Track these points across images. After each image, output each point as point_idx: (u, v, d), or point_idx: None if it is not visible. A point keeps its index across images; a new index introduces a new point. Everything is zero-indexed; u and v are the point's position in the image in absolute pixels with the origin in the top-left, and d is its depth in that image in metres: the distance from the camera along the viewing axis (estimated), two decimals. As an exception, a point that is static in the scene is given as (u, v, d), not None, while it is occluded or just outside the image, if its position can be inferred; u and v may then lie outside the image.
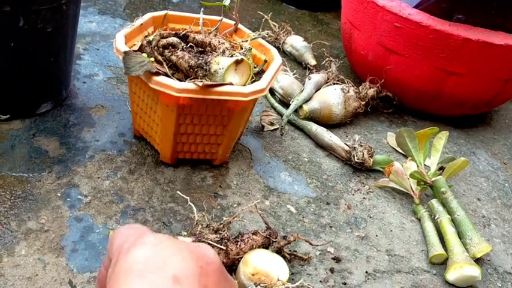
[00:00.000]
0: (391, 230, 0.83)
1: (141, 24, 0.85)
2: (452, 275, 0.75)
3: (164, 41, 0.79)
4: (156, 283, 0.27)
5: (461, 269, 0.75)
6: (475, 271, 0.74)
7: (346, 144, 0.95)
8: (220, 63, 0.75)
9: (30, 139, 0.84)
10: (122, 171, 0.82)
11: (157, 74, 0.72)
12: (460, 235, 0.81)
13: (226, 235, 0.69)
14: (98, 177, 0.80)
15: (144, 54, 0.77)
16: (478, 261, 0.79)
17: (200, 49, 0.82)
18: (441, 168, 0.92)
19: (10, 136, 0.83)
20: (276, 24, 1.32)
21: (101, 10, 1.31)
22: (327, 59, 1.21)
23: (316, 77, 1.08)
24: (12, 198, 0.73)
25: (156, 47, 0.79)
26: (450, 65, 1.01)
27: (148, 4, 1.41)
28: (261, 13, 1.32)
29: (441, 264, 0.79)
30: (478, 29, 0.97)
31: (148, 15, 0.88)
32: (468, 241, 0.80)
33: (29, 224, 0.69)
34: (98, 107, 0.95)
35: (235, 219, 0.73)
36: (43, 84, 0.87)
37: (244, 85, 0.78)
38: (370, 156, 0.93)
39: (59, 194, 0.75)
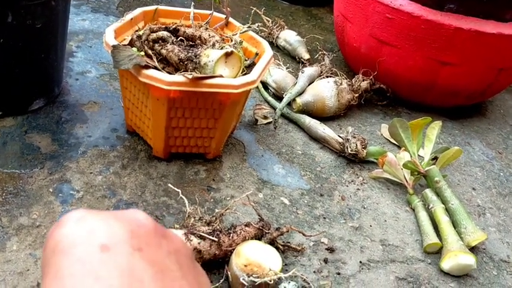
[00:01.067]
0: (385, 220, 0.83)
1: (132, 18, 0.85)
2: (447, 264, 0.75)
3: (154, 35, 0.79)
4: (82, 256, 0.25)
5: (456, 257, 0.74)
6: (470, 259, 0.74)
7: (340, 136, 0.95)
8: (210, 55, 0.75)
9: (23, 136, 0.84)
10: (115, 166, 0.82)
11: (146, 67, 0.72)
12: (455, 224, 0.80)
13: (218, 227, 0.68)
14: (91, 173, 0.79)
15: (134, 49, 0.77)
16: (473, 250, 0.79)
17: (190, 43, 0.82)
18: (435, 158, 0.92)
19: (2, 133, 0.83)
20: (269, 19, 1.32)
21: (93, 8, 1.31)
22: (320, 52, 1.21)
23: (310, 71, 1.08)
24: (4, 194, 0.73)
25: (146, 41, 0.79)
26: (443, 55, 1.01)
27: (141, 2, 1.41)
28: (254, 8, 1.32)
29: (436, 253, 0.79)
30: (470, 18, 0.97)
31: (138, 10, 0.88)
32: (463, 230, 0.79)
33: (20, 219, 0.69)
34: (90, 104, 0.95)
35: (228, 211, 0.73)
36: (35, 81, 0.86)
37: (235, 78, 0.77)
38: (363, 148, 0.92)
39: (51, 190, 0.75)
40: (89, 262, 0.25)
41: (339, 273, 0.72)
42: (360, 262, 0.74)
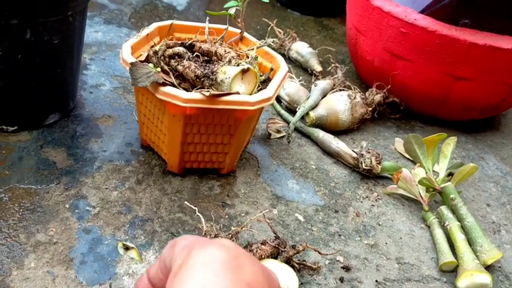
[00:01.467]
0: (401, 238, 0.83)
1: (147, 34, 0.85)
2: (463, 283, 0.74)
3: (170, 51, 0.80)
4: (231, 284, 0.26)
5: (472, 276, 0.74)
6: (486, 278, 0.74)
7: (354, 151, 0.95)
8: (226, 72, 0.75)
9: (38, 150, 0.84)
10: (130, 181, 0.82)
11: (164, 84, 0.72)
12: (470, 242, 0.80)
13: (234, 245, 0.68)
14: (106, 188, 0.80)
15: (151, 65, 0.77)
16: (488, 268, 0.78)
17: (206, 58, 0.82)
18: (450, 174, 0.92)
19: (18, 148, 0.84)
20: (281, 30, 1.32)
21: (106, 20, 1.32)
22: (332, 65, 1.21)
23: (322, 84, 1.08)
24: (21, 210, 0.73)
25: (162, 57, 0.79)
26: (457, 69, 1.01)
27: (153, 13, 1.42)
28: (266, 20, 1.32)
29: (451, 271, 0.78)
30: (485, 34, 0.96)
31: (154, 25, 0.88)
32: (478, 248, 0.79)
33: (37, 236, 0.70)
34: (104, 117, 0.95)
35: (243, 229, 0.72)
36: (50, 95, 0.87)
37: (250, 94, 0.77)
38: (378, 163, 0.92)
39: (67, 206, 0.75)
40: None
41: (355, 293, 0.71)
42: (376, 281, 0.74)
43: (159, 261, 0.32)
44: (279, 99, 1.11)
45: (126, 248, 0.70)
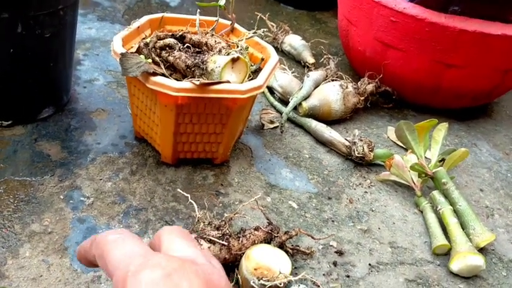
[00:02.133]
0: (394, 223, 0.83)
1: (138, 27, 0.86)
2: (456, 265, 0.75)
3: (161, 42, 0.80)
4: None
5: (464, 258, 0.74)
6: (479, 260, 0.74)
7: (346, 139, 0.96)
8: (216, 61, 0.75)
9: (32, 144, 0.85)
10: (124, 172, 0.83)
11: (154, 74, 0.73)
12: (463, 225, 0.81)
13: (228, 231, 0.69)
14: (100, 179, 0.80)
15: (142, 56, 0.78)
16: (481, 251, 0.79)
17: (197, 49, 0.83)
18: (442, 160, 0.92)
19: (12, 142, 0.84)
20: (273, 24, 1.33)
21: (100, 16, 1.32)
22: (325, 56, 1.22)
23: (315, 75, 1.08)
24: (16, 201, 0.74)
25: (153, 49, 0.80)
26: (448, 57, 1.01)
27: (146, 10, 1.43)
28: (259, 14, 1.33)
29: (445, 254, 0.79)
30: (474, 20, 0.97)
31: (145, 18, 0.89)
32: (471, 231, 0.79)
33: (32, 226, 0.70)
34: (98, 111, 0.96)
35: (237, 215, 0.73)
36: (44, 89, 0.88)
37: (241, 83, 0.78)
38: (370, 151, 0.93)
39: (61, 197, 0.76)
40: None
41: (348, 276, 0.72)
42: (369, 265, 0.74)
43: (87, 250, 0.34)
44: (272, 90, 1.12)
45: (121, 237, 0.70)
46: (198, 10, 0.90)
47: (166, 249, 0.33)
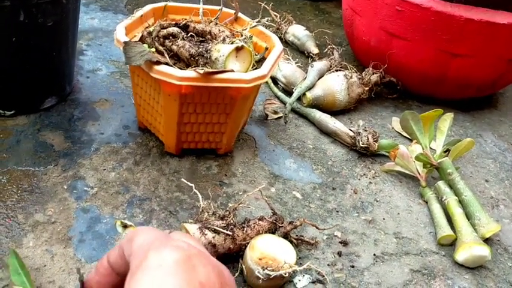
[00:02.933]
0: (399, 213, 0.83)
1: (142, 15, 0.85)
2: (461, 256, 0.75)
3: (165, 31, 0.80)
4: (185, 283, 0.28)
5: (470, 249, 0.74)
6: (484, 251, 0.74)
7: (351, 130, 0.95)
8: (220, 50, 0.75)
9: (36, 134, 0.84)
10: (128, 162, 0.82)
11: (158, 63, 0.72)
12: (468, 216, 0.80)
13: (232, 221, 0.69)
14: (104, 169, 0.80)
15: (145, 45, 0.77)
16: (487, 241, 0.79)
17: (201, 38, 0.82)
18: (447, 151, 0.92)
19: (15, 132, 0.84)
20: (277, 14, 1.32)
21: (102, 7, 1.32)
22: (329, 46, 1.21)
23: (319, 65, 1.08)
24: (19, 191, 0.73)
25: (156, 38, 0.79)
26: (453, 46, 1.00)
27: (149, -1, 1.41)
28: (262, 3, 1.32)
29: (450, 245, 0.78)
30: (480, 9, 0.96)
31: (148, 7, 0.88)
32: (476, 221, 0.79)
33: (36, 216, 0.70)
34: (101, 101, 0.95)
35: (241, 205, 0.73)
36: (46, 79, 0.87)
37: (245, 72, 0.77)
38: (375, 141, 0.92)
39: (65, 187, 0.76)
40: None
41: (353, 266, 0.72)
42: (374, 255, 0.74)
43: (119, 248, 0.34)
44: (275, 81, 1.11)
45: (125, 226, 0.70)
46: (202, -1, 0.89)
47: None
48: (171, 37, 0.80)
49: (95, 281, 0.35)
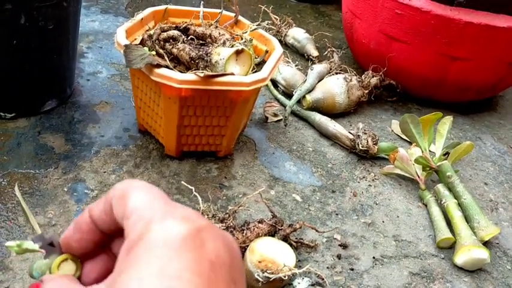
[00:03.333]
0: (398, 216, 0.83)
1: (142, 18, 0.86)
2: (460, 259, 0.75)
3: (165, 34, 0.80)
4: (193, 263, 0.24)
5: (469, 252, 0.74)
6: (483, 254, 0.74)
7: (350, 133, 0.95)
8: (220, 53, 0.75)
9: (36, 136, 0.85)
10: (128, 165, 0.82)
11: (158, 66, 0.73)
12: (468, 219, 0.80)
13: (232, 224, 0.69)
14: (104, 172, 0.80)
15: (146, 48, 0.78)
16: (486, 244, 0.79)
17: (201, 41, 0.83)
18: (446, 154, 0.92)
19: (16, 134, 0.84)
20: (277, 17, 1.33)
21: (103, 9, 1.32)
22: (329, 49, 1.21)
23: (319, 68, 1.08)
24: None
25: (157, 41, 0.79)
26: (453, 50, 1.01)
27: (150, 2, 1.42)
28: (263, 7, 1.32)
29: (449, 248, 0.79)
30: (480, 13, 0.96)
31: (148, 10, 0.88)
32: (476, 224, 0.79)
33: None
34: (102, 104, 0.95)
35: (240, 208, 0.73)
36: (47, 81, 0.87)
37: (245, 75, 0.78)
38: (374, 144, 0.92)
39: (65, 189, 0.76)
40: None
41: (352, 269, 0.72)
42: (373, 258, 0.74)
43: (104, 203, 0.29)
44: (275, 84, 1.11)
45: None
46: (202, 2, 0.90)
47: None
48: (171, 40, 0.80)
49: (74, 239, 0.30)
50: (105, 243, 0.30)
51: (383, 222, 0.81)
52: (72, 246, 0.30)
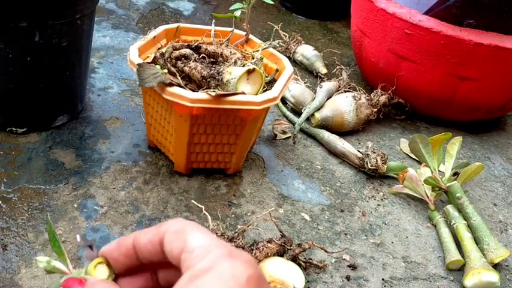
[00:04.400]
0: (407, 237, 0.83)
1: (154, 36, 0.87)
2: (470, 281, 0.74)
3: (177, 53, 0.81)
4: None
5: (479, 275, 0.74)
6: (493, 277, 0.73)
7: (359, 151, 0.95)
8: (232, 73, 0.76)
9: (47, 152, 0.85)
10: (137, 181, 0.83)
11: (170, 85, 0.73)
12: (477, 241, 0.80)
13: (241, 243, 0.69)
14: (114, 188, 0.81)
15: (158, 66, 0.78)
16: (496, 266, 0.78)
17: (212, 60, 0.83)
18: (456, 174, 0.92)
19: (27, 149, 0.85)
20: (286, 34, 1.33)
21: (114, 25, 1.33)
22: (337, 67, 1.22)
23: (328, 85, 1.08)
24: (30, 209, 0.74)
25: (169, 59, 0.80)
26: (462, 70, 1.01)
27: (160, 18, 1.43)
28: (272, 23, 1.33)
29: (458, 270, 0.78)
30: (490, 33, 0.97)
31: (161, 28, 0.89)
32: (485, 246, 0.79)
33: (46, 235, 0.70)
34: (112, 119, 0.96)
35: (249, 227, 0.73)
36: (59, 97, 0.88)
37: (256, 94, 0.78)
38: (383, 163, 0.92)
39: (75, 205, 0.76)
40: None
41: (361, 291, 0.71)
42: (383, 279, 0.74)
43: (154, 234, 0.31)
44: (284, 101, 1.12)
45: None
46: (214, 20, 0.91)
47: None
48: (183, 58, 0.81)
49: (112, 257, 0.33)
50: (138, 270, 0.34)
51: (392, 242, 0.81)
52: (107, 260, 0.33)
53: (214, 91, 0.73)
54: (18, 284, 0.63)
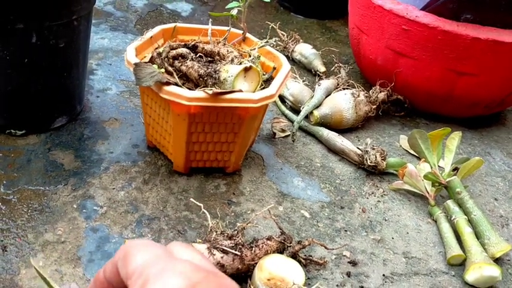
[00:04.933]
0: (407, 233, 0.83)
1: (151, 36, 0.87)
2: (471, 276, 0.74)
3: (174, 52, 0.81)
4: None
5: (480, 269, 0.73)
6: (494, 271, 0.73)
7: (359, 148, 0.95)
8: (229, 71, 0.76)
9: (46, 153, 0.85)
10: (137, 181, 0.83)
11: (167, 84, 0.73)
12: (478, 235, 0.80)
13: (240, 241, 0.69)
14: (113, 188, 0.81)
15: (155, 66, 0.78)
16: (497, 261, 0.78)
17: (209, 59, 0.83)
18: (456, 169, 0.91)
19: (26, 151, 0.85)
20: (284, 33, 1.33)
21: (112, 26, 1.34)
22: (336, 65, 1.22)
23: (326, 83, 1.08)
24: (29, 211, 0.74)
25: (166, 58, 0.80)
26: (460, 65, 1.01)
27: (158, 19, 1.44)
28: (269, 23, 1.33)
29: (459, 265, 0.78)
30: (487, 28, 0.96)
31: (158, 28, 0.89)
32: (486, 241, 0.78)
33: (46, 236, 0.70)
34: (111, 120, 0.96)
35: (249, 225, 0.73)
36: (58, 99, 0.88)
37: (253, 92, 0.78)
38: (383, 159, 0.92)
39: (75, 206, 0.76)
40: None
41: (362, 287, 0.71)
42: (383, 275, 0.74)
43: (112, 265, 0.31)
44: (283, 99, 1.12)
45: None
46: (210, 20, 0.91)
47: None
48: (180, 58, 0.81)
49: None
50: None
51: (392, 238, 0.81)
52: None
53: (211, 89, 0.73)
54: (18, 285, 0.63)
